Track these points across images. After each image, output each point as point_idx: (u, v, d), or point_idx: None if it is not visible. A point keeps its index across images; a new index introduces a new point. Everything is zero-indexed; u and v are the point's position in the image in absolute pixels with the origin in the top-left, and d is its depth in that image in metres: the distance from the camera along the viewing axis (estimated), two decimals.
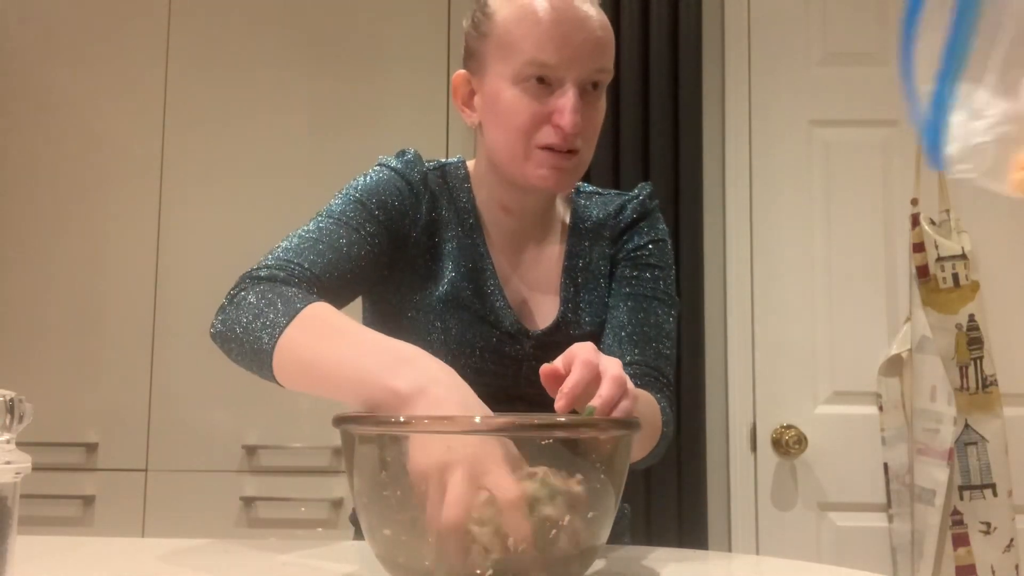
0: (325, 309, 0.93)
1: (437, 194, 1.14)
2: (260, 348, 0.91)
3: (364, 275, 1.06)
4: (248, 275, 1.01)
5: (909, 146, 2.26)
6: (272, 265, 1.01)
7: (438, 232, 1.13)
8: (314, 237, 1.04)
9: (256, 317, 0.93)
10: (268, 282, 0.98)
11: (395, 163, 1.14)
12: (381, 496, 0.72)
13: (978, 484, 2.06)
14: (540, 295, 1.16)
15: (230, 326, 0.96)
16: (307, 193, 2.23)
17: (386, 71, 2.29)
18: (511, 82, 1.04)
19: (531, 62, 1.02)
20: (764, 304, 2.25)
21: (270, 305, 0.93)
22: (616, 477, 0.74)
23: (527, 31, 1.02)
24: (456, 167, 1.18)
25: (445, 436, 0.69)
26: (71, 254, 2.24)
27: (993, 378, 2.09)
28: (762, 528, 2.20)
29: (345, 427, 0.74)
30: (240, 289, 0.99)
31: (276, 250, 1.04)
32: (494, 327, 1.11)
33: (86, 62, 2.29)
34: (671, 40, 2.25)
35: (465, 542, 0.67)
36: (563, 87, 1.02)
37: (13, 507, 0.62)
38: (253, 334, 0.92)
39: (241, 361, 0.95)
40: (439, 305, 1.10)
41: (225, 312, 0.98)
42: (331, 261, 1.03)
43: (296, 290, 0.96)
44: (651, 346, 1.13)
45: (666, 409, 1.10)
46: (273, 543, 0.98)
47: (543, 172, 1.04)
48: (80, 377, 2.20)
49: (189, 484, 2.15)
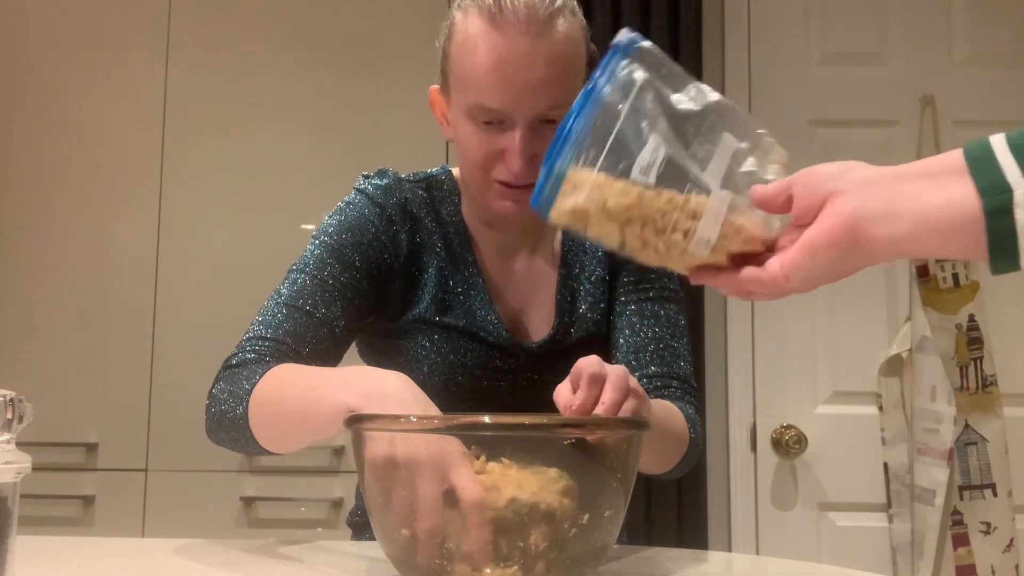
0: (286, 367, 0.94)
1: (419, 215, 1.10)
2: (235, 419, 0.93)
3: (349, 327, 1.05)
4: (224, 365, 1.02)
5: (909, 146, 2.26)
6: (245, 348, 1.01)
7: (422, 254, 1.10)
8: (289, 305, 1.03)
9: (229, 400, 0.95)
10: (241, 368, 0.98)
11: (372, 190, 1.10)
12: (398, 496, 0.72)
13: (978, 484, 2.06)
14: (534, 307, 1.13)
15: (213, 415, 0.98)
16: (307, 193, 2.23)
17: (386, 71, 2.29)
18: (465, 116, 1.01)
19: (476, 106, 0.98)
20: (764, 304, 2.25)
21: (237, 382, 0.95)
22: (626, 477, 0.75)
23: (470, 71, 0.98)
24: (440, 180, 1.15)
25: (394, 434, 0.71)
26: (71, 254, 2.24)
27: (993, 378, 2.09)
28: (762, 528, 2.20)
29: (356, 427, 0.75)
30: (218, 380, 1.00)
31: (252, 327, 1.03)
32: (485, 343, 1.09)
33: (86, 62, 2.29)
34: (671, 40, 2.25)
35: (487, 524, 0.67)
36: (513, 127, 0.98)
37: (13, 507, 0.62)
38: (230, 411, 0.94)
39: (232, 442, 0.97)
40: (424, 326, 1.08)
41: (210, 408, 1.00)
42: (308, 329, 1.01)
43: (268, 360, 0.98)
44: (667, 355, 1.10)
45: (691, 415, 1.07)
46: (273, 543, 0.98)
47: (504, 203, 1.02)
48: (80, 377, 2.19)
49: (189, 484, 2.15)
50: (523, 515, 0.67)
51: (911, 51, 2.30)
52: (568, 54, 0.99)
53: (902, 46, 2.30)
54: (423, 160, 1.95)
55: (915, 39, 2.30)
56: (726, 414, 2.23)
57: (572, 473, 0.70)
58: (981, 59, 2.29)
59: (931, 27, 2.30)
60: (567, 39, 0.99)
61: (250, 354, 0.99)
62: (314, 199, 2.14)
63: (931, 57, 2.30)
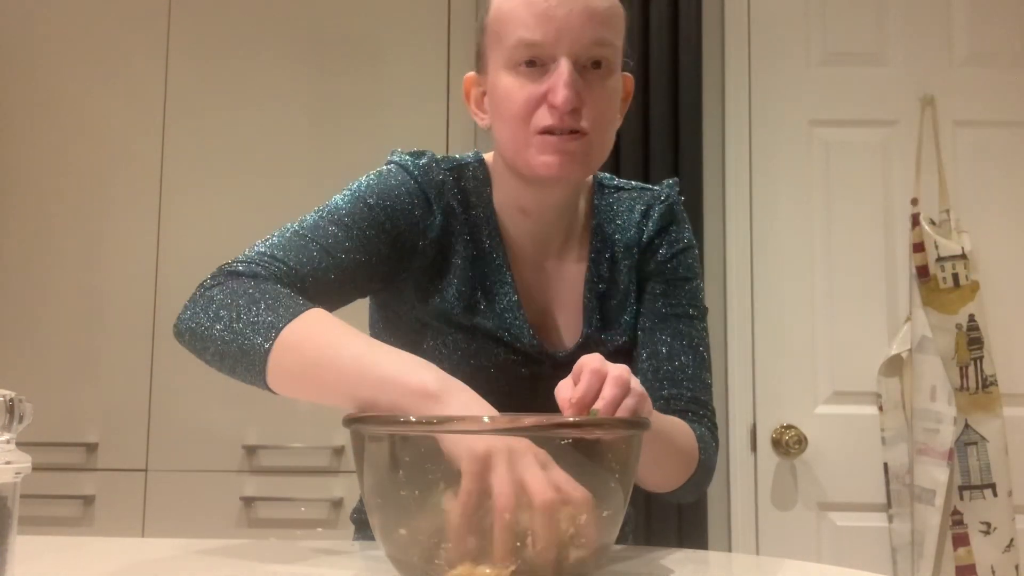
0: (325, 314, 0.88)
1: (453, 203, 1.05)
2: (251, 348, 0.85)
3: (356, 284, 1.00)
4: (224, 269, 0.95)
5: (909, 146, 2.26)
6: (254, 260, 0.94)
7: (450, 245, 1.05)
8: (307, 236, 0.98)
9: (241, 315, 0.87)
10: (249, 279, 0.91)
11: (412, 166, 1.05)
12: (398, 496, 0.72)
13: (978, 484, 2.06)
14: (562, 312, 1.09)
15: (204, 323, 0.90)
16: (308, 189, 2.22)
17: (387, 65, 2.29)
18: (505, 69, 0.98)
19: (518, 43, 0.96)
20: (764, 304, 2.25)
21: (257, 303, 0.87)
22: (626, 477, 0.75)
23: (512, 12, 0.97)
24: (475, 169, 1.09)
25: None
26: (71, 253, 2.24)
27: (993, 378, 2.10)
28: (762, 528, 2.20)
29: (357, 427, 0.74)
30: (215, 283, 0.93)
31: (263, 243, 0.98)
32: (510, 347, 1.05)
33: (86, 61, 2.29)
34: (671, 40, 2.25)
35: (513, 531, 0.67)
36: (556, 64, 0.95)
37: (13, 507, 0.62)
38: (240, 333, 0.86)
39: (219, 361, 0.89)
40: (444, 322, 1.04)
41: (196, 307, 0.92)
42: (319, 265, 0.96)
43: (287, 290, 0.91)
44: (688, 376, 1.07)
45: (705, 437, 1.04)
46: (273, 543, 0.98)
47: (546, 159, 0.96)
48: (80, 377, 2.20)
49: (189, 484, 2.15)
50: (521, 515, 0.67)
51: (911, 51, 2.30)
52: (611, 3, 0.99)
53: (902, 46, 2.30)
54: None
55: (915, 39, 2.30)
56: (726, 414, 2.23)
57: (571, 473, 0.70)
58: (981, 59, 2.29)
59: (931, 27, 2.31)
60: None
61: (259, 268, 0.93)
62: (314, 199, 2.13)
63: (931, 57, 2.30)
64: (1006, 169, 2.26)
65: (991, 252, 2.20)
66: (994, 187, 2.25)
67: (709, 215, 2.26)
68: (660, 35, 2.24)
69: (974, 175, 2.25)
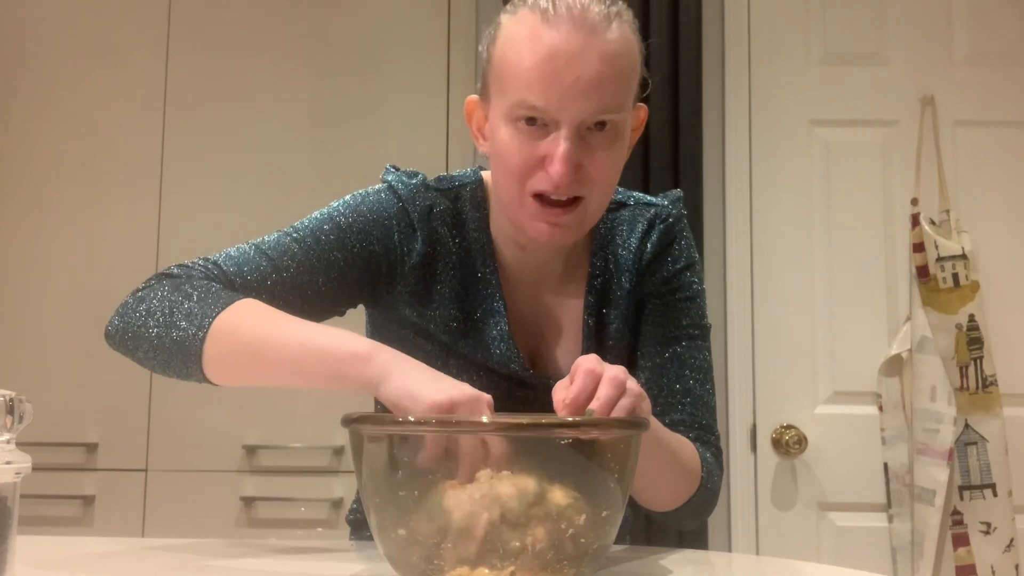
0: (257, 302, 0.89)
1: (442, 228, 1.03)
2: (185, 338, 0.86)
3: (308, 302, 0.97)
4: (158, 273, 0.95)
5: (909, 146, 2.26)
6: (192, 264, 0.95)
7: (433, 273, 1.02)
8: (262, 249, 0.97)
9: (174, 309, 0.87)
10: (183, 278, 0.92)
11: (401, 188, 1.03)
12: (396, 496, 0.72)
13: (978, 484, 2.06)
14: (560, 336, 1.06)
15: (136, 322, 0.90)
16: (307, 189, 2.23)
17: (387, 68, 2.29)
18: (505, 120, 0.93)
19: (519, 103, 0.90)
20: (764, 304, 2.25)
21: (189, 297, 0.88)
22: (625, 477, 0.75)
23: (516, 66, 0.91)
24: (472, 190, 1.06)
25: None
26: (71, 253, 2.24)
27: (993, 378, 2.10)
28: (762, 528, 2.20)
29: (355, 427, 0.74)
30: (146, 286, 0.93)
31: (213, 254, 0.97)
32: (498, 374, 1.03)
33: (86, 60, 2.29)
34: (671, 40, 2.25)
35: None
36: (557, 129, 0.90)
37: (13, 507, 0.62)
38: (173, 326, 0.87)
39: (153, 357, 0.90)
40: (434, 345, 1.02)
41: (126, 308, 0.92)
42: (263, 277, 0.95)
43: (219, 286, 0.90)
44: (691, 400, 1.04)
45: (708, 459, 1.02)
46: (273, 543, 0.98)
47: (539, 226, 0.94)
48: (80, 377, 2.19)
49: (189, 484, 2.15)
50: (520, 516, 0.67)
51: (911, 51, 2.30)
52: (623, 54, 0.92)
53: (902, 46, 2.30)
54: (423, 160, 1.95)
55: (915, 39, 2.30)
56: (726, 414, 2.23)
57: (570, 473, 0.70)
58: (981, 59, 2.29)
59: (931, 27, 2.30)
60: (623, 40, 0.92)
61: (195, 271, 0.93)
62: (314, 199, 2.12)
63: (931, 57, 2.30)
64: (1006, 169, 2.26)
65: (991, 252, 2.20)
66: (994, 187, 2.25)
67: (709, 215, 2.26)
68: (660, 35, 2.24)
69: (974, 175, 2.25)
